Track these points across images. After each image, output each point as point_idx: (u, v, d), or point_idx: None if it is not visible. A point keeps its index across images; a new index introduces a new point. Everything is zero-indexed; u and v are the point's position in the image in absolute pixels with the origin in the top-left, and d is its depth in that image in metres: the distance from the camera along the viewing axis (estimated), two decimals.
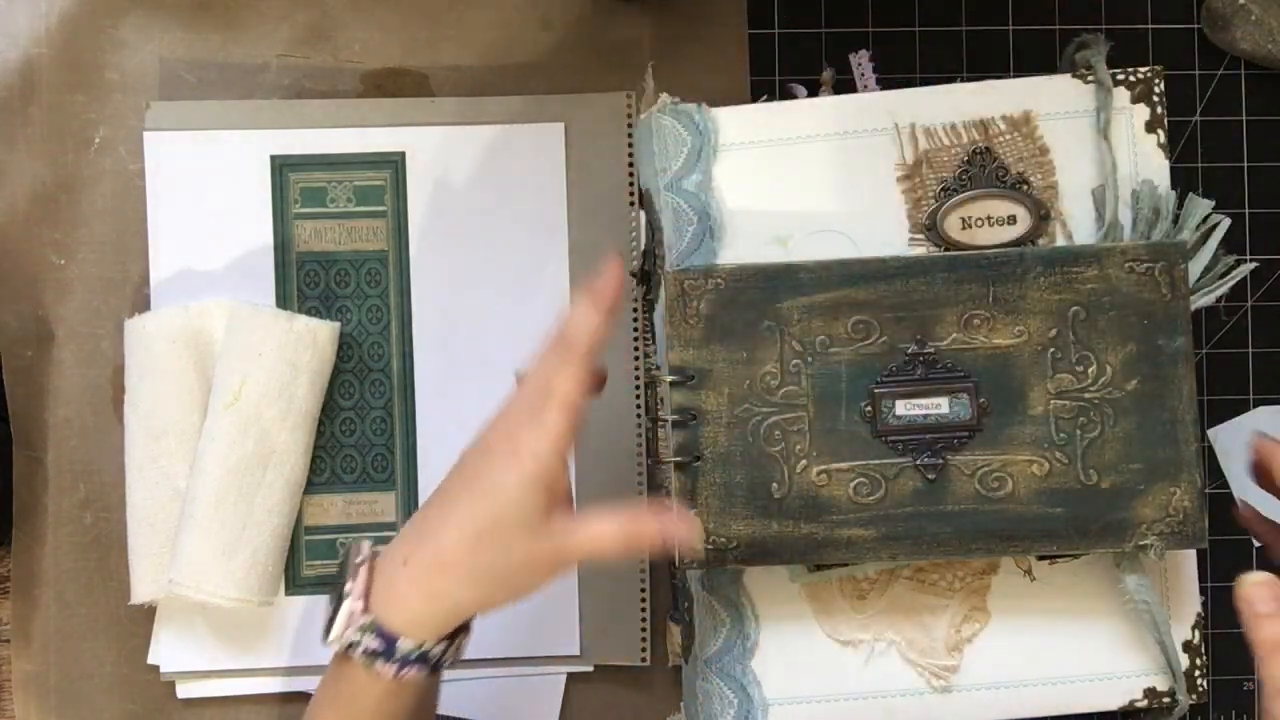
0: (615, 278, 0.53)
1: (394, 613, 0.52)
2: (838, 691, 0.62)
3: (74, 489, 0.69)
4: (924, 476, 0.57)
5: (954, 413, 0.57)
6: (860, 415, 0.58)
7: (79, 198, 0.69)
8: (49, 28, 0.70)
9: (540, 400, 0.52)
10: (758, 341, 0.57)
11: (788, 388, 0.57)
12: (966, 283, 0.57)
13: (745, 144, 0.62)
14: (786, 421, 0.57)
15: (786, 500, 0.57)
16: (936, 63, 0.71)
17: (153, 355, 0.66)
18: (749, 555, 0.58)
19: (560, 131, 0.69)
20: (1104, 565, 0.62)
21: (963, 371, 0.57)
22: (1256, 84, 0.71)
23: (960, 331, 0.57)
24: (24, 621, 0.69)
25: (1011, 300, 0.57)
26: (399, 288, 0.69)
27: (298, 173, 0.69)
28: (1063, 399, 0.57)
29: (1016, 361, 0.57)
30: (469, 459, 0.54)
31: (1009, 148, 0.62)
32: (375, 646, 0.52)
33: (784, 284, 0.57)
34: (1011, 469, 0.57)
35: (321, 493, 0.69)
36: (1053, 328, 0.57)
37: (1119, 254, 0.57)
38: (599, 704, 0.69)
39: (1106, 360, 0.57)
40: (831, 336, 0.57)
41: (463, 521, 0.52)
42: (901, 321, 0.57)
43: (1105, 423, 0.57)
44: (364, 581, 0.53)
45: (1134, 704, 0.62)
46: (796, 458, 0.57)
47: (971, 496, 0.57)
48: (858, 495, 0.57)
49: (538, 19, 0.71)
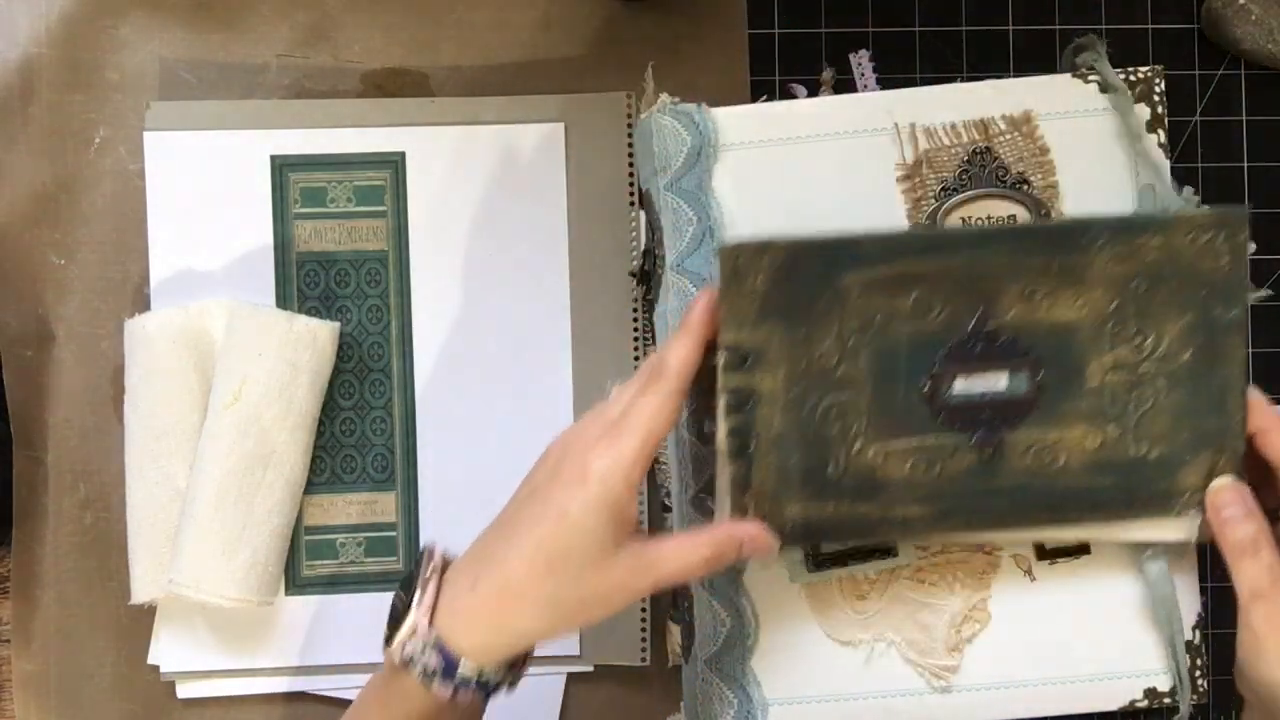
0: (707, 309, 0.53)
1: (459, 636, 0.51)
2: (838, 691, 0.62)
3: (74, 489, 0.69)
4: (979, 453, 0.56)
5: (1012, 388, 0.56)
6: (918, 393, 0.56)
7: (79, 198, 0.69)
8: (49, 28, 0.70)
9: (618, 425, 0.51)
10: (815, 319, 0.55)
11: (845, 366, 0.55)
12: (1030, 254, 0.55)
13: (745, 144, 0.62)
14: (844, 401, 0.55)
15: (842, 480, 0.56)
16: (936, 63, 0.71)
17: (153, 355, 0.66)
18: (804, 535, 0.57)
19: (560, 131, 0.69)
20: (1104, 565, 0.62)
21: (1023, 346, 0.56)
22: (1256, 84, 0.71)
23: (1022, 305, 0.55)
24: (24, 621, 0.69)
25: (1074, 272, 0.55)
26: (399, 288, 0.69)
27: (298, 173, 0.69)
28: (1119, 371, 0.56)
29: (1077, 335, 0.56)
30: (537, 479, 0.53)
31: (1009, 147, 0.62)
32: (435, 665, 0.51)
33: (843, 257, 0.55)
34: (1065, 443, 0.56)
35: (321, 493, 0.69)
36: (1114, 300, 0.55)
37: (1183, 222, 0.55)
38: (599, 704, 0.69)
39: (1163, 332, 0.56)
40: (892, 312, 0.55)
41: (531, 550, 0.50)
42: (964, 295, 0.55)
43: (1158, 394, 0.56)
44: (431, 596, 0.52)
45: (1134, 704, 0.62)
46: (853, 438, 0.56)
47: (1025, 471, 0.56)
48: (913, 474, 0.56)
49: (538, 19, 0.71)
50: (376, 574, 0.68)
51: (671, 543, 0.52)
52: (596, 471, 0.50)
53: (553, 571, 0.50)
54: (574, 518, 0.50)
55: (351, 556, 0.69)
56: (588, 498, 0.50)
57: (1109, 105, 0.62)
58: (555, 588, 0.50)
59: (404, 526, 0.69)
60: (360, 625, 0.68)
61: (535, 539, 0.50)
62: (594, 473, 0.50)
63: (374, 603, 0.68)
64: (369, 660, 0.68)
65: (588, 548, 0.50)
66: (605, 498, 0.50)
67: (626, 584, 0.51)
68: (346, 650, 0.68)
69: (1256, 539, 0.54)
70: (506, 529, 0.52)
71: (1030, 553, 0.62)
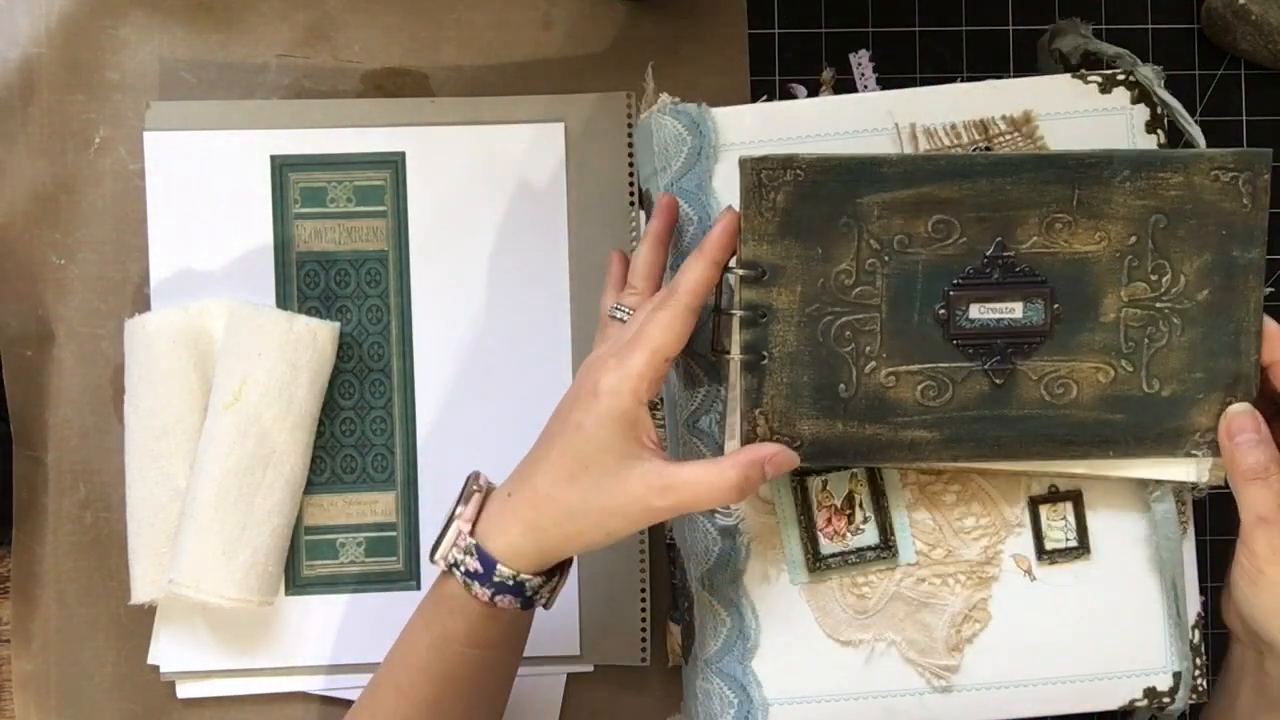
0: (725, 231, 0.55)
1: (495, 540, 0.55)
2: (838, 691, 0.62)
3: (74, 489, 0.69)
4: (991, 381, 0.57)
5: (1027, 317, 0.56)
6: (933, 317, 0.56)
7: (79, 198, 0.69)
8: (49, 28, 0.70)
9: (629, 344, 0.54)
10: (834, 238, 0.55)
11: (862, 287, 0.56)
12: (1052, 184, 0.55)
13: (745, 144, 0.62)
14: (858, 322, 0.56)
15: (853, 401, 0.57)
16: (936, 63, 0.71)
17: (153, 355, 0.66)
18: (813, 454, 0.57)
19: (560, 131, 0.69)
20: (1104, 565, 0.62)
21: (1040, 276, 0.56)
22: (1256, 84, 0.71)
23: (1041, 235, 0.56)
24: (24, 621, 0.69)
25: (1095, 204, 0.56)
26: (399, 288, 0.69)
27: (298, 173, 0.69)
28: (1135, 307, 0.57)
29: (1094, 268, 0.56)
30: (562, 401, 0.56)
31: (1009, 147, 0.62)
32: (475, 568, 0.55)
33: (866, 177, 0.55)
34: (1078, 375, 0.57)
35: (321, 493, 0.69)
36: (1133, 234, 0.56)
37: (1206, 160, 0.56)
38: (599, 704, 0.69)
39: (1181, 270, 0.56)
40: (911, 235, 0.56)
41: (555, 461, 0.54)
42: (983, 222, 0.56)
43: (1173, 332, 0.57)
44: (474, 507, 0.56)
45: (1134, 704, 0.62)
46: (866, 359, 0.56)
47: (1036, 402, 0.57)
48: (924, 398, 0.57)
49: (538, 19, 0.71)
50: (376, 574, 0.69)
51: (694, 466, 0.53)
52: (605, 385, 0.53)
53: (574, 480, 0.53)
54: (587, 430, 0.53)
55: (351, 556, 0.69)
56: (599, 410, 0.53)
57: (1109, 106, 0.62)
58: (578, 496, 0.53)
59: (404, 526, 0.69)
60: (360, 625, 0.68)
61: (557, 451, 0.54)
62: (603, 387, 0.53)
63: (374, 603, 0.68)
64: (369, 660, 0.68)
65: (603, 458, 0.53)
66: (614, 410, 0.53)
67: (646, 500, 0.53)
68: (346, 650, 0.68)
69: (1268, 465, 0.55)
70: (538, 449, 0.56)
71: (1030, 553, 0.62)
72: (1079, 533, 0.62)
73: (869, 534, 0.62)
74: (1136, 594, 0.62)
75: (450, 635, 0.57)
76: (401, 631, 0.60)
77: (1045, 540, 0.62)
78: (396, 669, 0.59)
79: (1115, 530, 0.62)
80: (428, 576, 0.68)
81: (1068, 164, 0.56)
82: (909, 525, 0.62)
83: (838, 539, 0.62)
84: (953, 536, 0.62)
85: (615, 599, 0.68)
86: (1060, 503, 0.62)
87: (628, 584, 0.68)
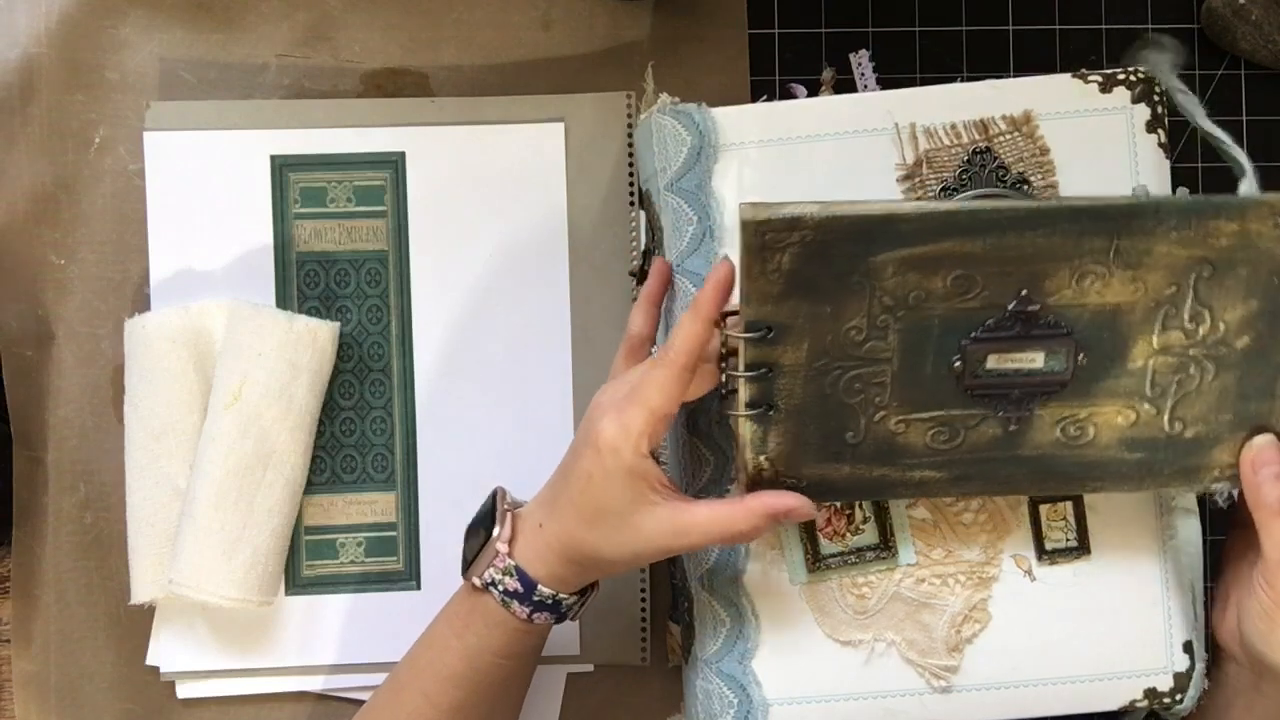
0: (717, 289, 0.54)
1: (535, 567, 0.56)
2: (838, 691, 0.62)
3: (74, 489, 0.69)
4: (1005, 426, 0.55)
5: (1049, 367, 0.53)
6: (948, 368, 0.54)
7: (79, 198, 0.69)
8: (49, 28, 0.70)
9: (628, 397, 0.54)
10: (845, 297, 0.52)
11: (873, 342, 0.53)
12: (1089, 235, 0.51)
13: (745, 144, 0.62)
14: (868, 375, 0.54)
15: (861, 446, 0.55)
16: (936, 63, 0.71)
17: (153, 355, 0.66)
18: (819, 493, 0.56)
19: (560, 131, 0.69)
20: (1104, 565, 0.62)
21: (1065, 328, 0.53)
22: (1256, 84, 0.71)
23: (1071, 287, 0.52)
24: (24, 621, 0.69)
25: (1135, 254, 0.52)
26: (399, 288, 0.69)
27: (298, 173, 0.69)
28: (1166, 355, 0.53)
29: (1126, 318, 0.53)
30: (577, 434, 0.57)
31: (1009, 148, 0.62)
32: (515, 588, 0.57)
33: (881, 236, 0.51)
34: (1097, 419, 0.55)
35: (321, 493, 0.69)
36: (1172, 284, 0.52)
37: (1267, 208, 0.51)
38: (599, 704, 0.69)
39: (1222, 318, 0.53)
40: (927, 291, 0.52)
41: (576, 504, 0.55)
42: (1008, 276, 0.52)
43: (1204, 376, 0.54)
44: (509, 529, 0.57)
45: (1134, 704, 0.62)
46: (875, 408, 0.54)
47: (1050, 443, 0.55)
48: (935, 442, 0.55)
49: (538, 19, 0.71)
50: (376, 574, 0.69)
51: (705, 510, 0.54)
52: (606, 441, 0.54)
53: (594, 525, 0.55)
54: (596, 481, 0.54)
55: (351, 556, 0.69)
56: (604, 466, 0.54)
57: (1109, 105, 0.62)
58: (601, 537, 0.55)
59: (404, 526, 0.69)
60: (360, 625, 0.68)
61: (577, 496, 0.55)
62: (605, 442, 0.54)
63: (374, 603, 0.68)
64: (369, 660, 0.68)
65: (614, 506, 0.54)
66: (619, 465, 0.53)
67: (661, 543, 0.54)
68: (346, 650, 0.68)
69: None
70: (560, 481, 0.57)
71: (1030, 553, 0.62)
72: (1079, 533, 0.62)
73: (869, 534, 0.62)
74: (1137, 594, 0.62)
75: (485, 647, 0.58)
76: (422, 638, 0.60)
77: (1045, 540, 0.62)
78: (425, 676, 0.59)
79: (1115, 530, 0.62)
80: (428, 577, 0.68)
81: (1109, 214, 0.51)
82: (909, 525, 0.62)
83: (838, 539, 0.62)
84: (952, 537, 0.62)
85: (615, 599, 0.68)
86: (1060, 503, 0.62)
87: (628, 584, 0.68)
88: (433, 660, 0.59)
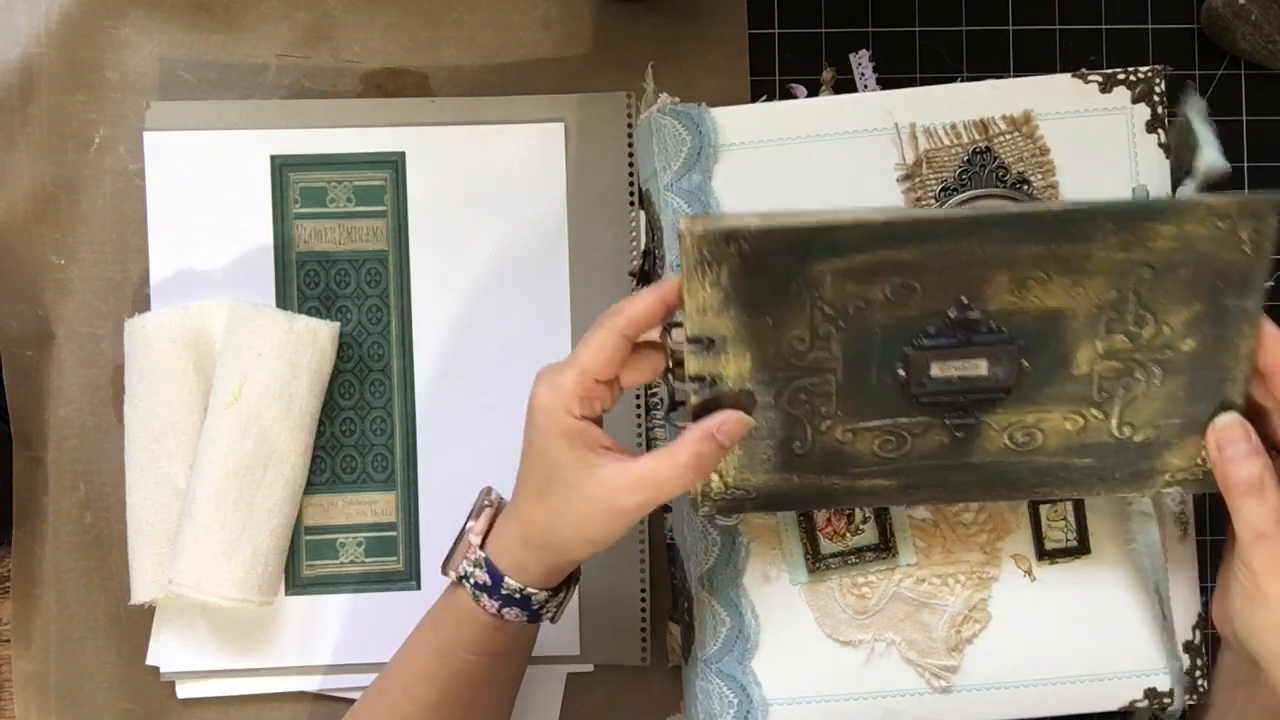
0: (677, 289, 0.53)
1: (502, 557, 0.56)
2: (838, 691, 0.62)
3: (74, 489, 0.69)
4: (952, 433, 0.55)
5: (993, 375, 0.53)
6: (892, 377, 0.53)
7: (79, 198, 0.69)
8: (49, 28, 0.70)
9: (565, 362, 0.54)
10: (785, 308, 0.52)
11: (816, 353, 0.53)
12: (1026, 242, 0.51)
13: (745, 144, 0.62)
14: (813, 385, 0.54)
15: (808, 456, 0.55)
16: (936, 63, 0.71)
17: (153, 355, 0.66)
18: (767, 504, 0.57)
19: (560, 131, 0.69)
20: (1104, 565, 0.62)
21: (1007, 335, 0.53)
22: (1256, 84, 0.71)
23: (1012, 293, 0.52)
24: (24, 621, 0.69)
25: (1074, 260, 0.51)
26: (399, 288, 0.69)
27: (298, 173, 0.69)
28: (1111, 359, 0.53)
29: (1068, 324, 0.52)
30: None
31: (1009, 148, 0.62)
32: (484, 580, 0.56)
33: (817, 246, 0.51)
34: (1044, 425, 0.54)
35: (321, 493, 0.69)
36: (1113, 288, 0.52)
37: (1204, 209, 0.51)
38: (599, 704, 0.69)
39: (1166, 321, 0.52)
40: (867, 300, 0.52)
41: (526, 480, 0.56)
42: (947, 284, 0.52)
43: (1150, 380, 0.54)
44: (485, 522, 0.58)
45: (1134, 704, 0.62)
46: (821, 418, 0.54)
47: (999, 450, 0.55)
48: (882, 450, 0.55)
49: (538, 19, 0.71)
50: (376, 574, 0.69)
51: (648, 458, 0.53)
52: (538, 404, 0.54)
53: (543, 496, 0.54)
54: (538, 447, 0.54)
55: (351, 556, 0.69)
56: (541, 428, 0.54)
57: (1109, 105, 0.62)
58: (551, 510, 0.54)
59: (404, 526, 0.69)
60: (360, 625, 0.68)
61: (525, 469, 0.56)
62: (538, 405, 0.54)
63: (374, 603, 0.68)
64: (369, 660, 0.68)
65: (559, 472, 0.54)
66: (552, 425, 0.53)
67: (610, 503, 0.53)
68: (346, 650, 0.68)
69: (1262, 478, 0.52)
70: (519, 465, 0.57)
71: (1030, 553, 0.62)
72: (1079, 533, 0.62)
73: (869, 534, 0.62)
74: (1137, 594, 0.62)
75: (456, 641, 0.57)
76: (410, 633, 0.60)
77: (1045, 540, 0.62)
78: (404, 669, 0.59)
79: (1115, 530, 0.62)
80: (428, 577, 0.68)
81: (1044, 222, 0.51)
82: (909, 525, 0.62)
83: (837, 539, 0.62)
84: (952, 537, 0.62)
85: (615, 599, 0.68)
86: (1060, 503, 0.62)
87: (628, 584, 0.68)
88: (413, 655, 0.59)
